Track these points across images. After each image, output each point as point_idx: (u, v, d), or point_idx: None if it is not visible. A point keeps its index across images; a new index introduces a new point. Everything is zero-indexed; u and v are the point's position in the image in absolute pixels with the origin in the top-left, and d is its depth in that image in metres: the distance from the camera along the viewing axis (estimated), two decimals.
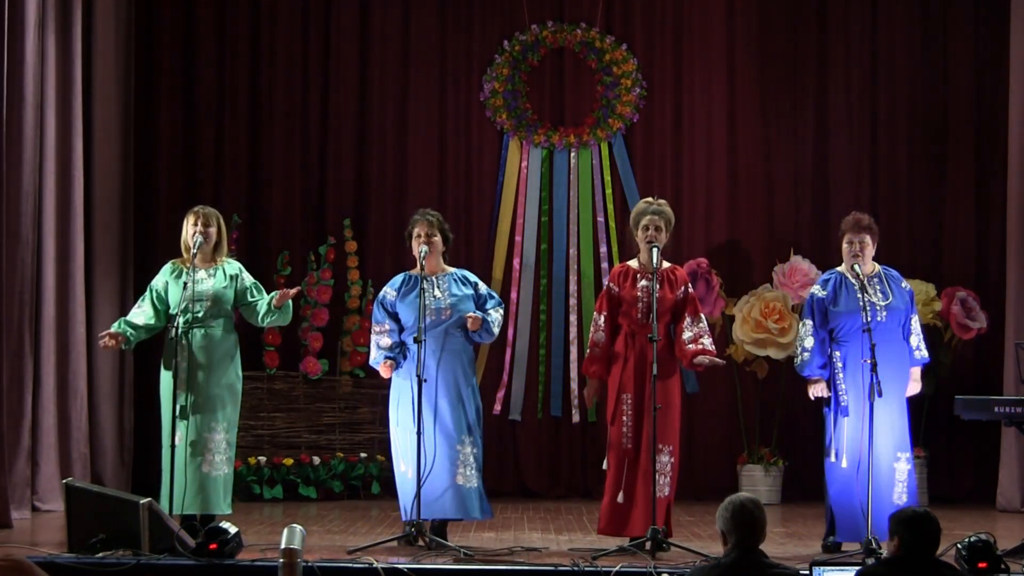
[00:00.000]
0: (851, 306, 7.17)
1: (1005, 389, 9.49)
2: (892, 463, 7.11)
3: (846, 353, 7.18)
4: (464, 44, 10.75)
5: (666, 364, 7.13)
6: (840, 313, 7.20)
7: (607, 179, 10.63)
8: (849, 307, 7.18)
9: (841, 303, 7.22)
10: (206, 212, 7.37)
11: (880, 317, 7.12)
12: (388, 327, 7.29)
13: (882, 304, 7.17)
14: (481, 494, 7.20)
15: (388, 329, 7.29)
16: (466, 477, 7.15)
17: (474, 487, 7.17)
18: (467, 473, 7.16)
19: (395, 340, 7.28)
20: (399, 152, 10.64)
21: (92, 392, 9.49)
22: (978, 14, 10.57)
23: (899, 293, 7.28)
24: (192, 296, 7.18)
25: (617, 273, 7.37)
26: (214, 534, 6.28)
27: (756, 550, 4.76)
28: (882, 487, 7.03)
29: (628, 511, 7.06)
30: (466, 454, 7.17)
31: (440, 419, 7.14)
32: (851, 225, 7.33)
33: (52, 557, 6.36)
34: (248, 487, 9.82)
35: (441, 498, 7.10)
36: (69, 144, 9.14)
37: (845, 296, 7.23)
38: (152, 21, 10.46)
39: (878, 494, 6.95)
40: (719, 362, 7.25)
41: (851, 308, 7.17)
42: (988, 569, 5.84)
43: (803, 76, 10.68)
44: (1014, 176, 9.78)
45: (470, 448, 7.19)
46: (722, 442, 10.37)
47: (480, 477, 7.22)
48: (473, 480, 7.17)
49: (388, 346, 7.27)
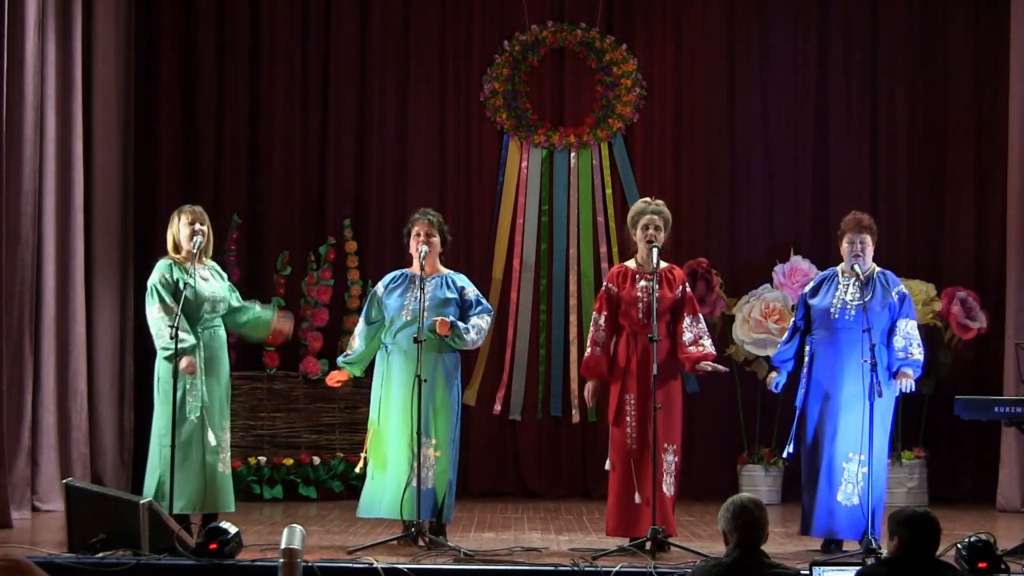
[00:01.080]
0: (824, 301, 7.30)
1: (1005, 389, 9.49)
2: (842, 463, 7.13)
3: (815, 347, 7.28)
4: (464, 44, 10.75)
5: (667, 364, 7.14)
6: (814, 307, 7.32)
7: (607, 179, 10.63)
8: (823, 303, 7.29)
9: (818, 297, 7.32)
10: (199, 211, 7.39)
11: (848, 316, 7.15)
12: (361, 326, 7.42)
13: (854, 303, 7.17)
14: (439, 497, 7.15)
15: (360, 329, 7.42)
16: (424, 478, 7.10)
17: (429, 488, 7.11)
18: (427, 474, 7.13)
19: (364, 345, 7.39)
20: (399, 152, 10.64)
21: (92, 392, 9.49)
22: (978, 14, 10.57)
23: (881, 296, 7.25)
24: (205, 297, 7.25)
25: (615, 274, 7.37)
26: (214, 534, 6.28)
27: (757, 550, 4.76)
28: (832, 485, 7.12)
29: (639, 511, 7.05)
30: (427, 455, 7.14)
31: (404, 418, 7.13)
32: (852, 225, 7.34)
33: (52, 557, 6.36)
34: (248, 487, 9.82)
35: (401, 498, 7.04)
36: (69, 144, 9.14)
37: (824, 291, 7.32)
38: (152, 21, 10.46)
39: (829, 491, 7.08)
40: (721, 369, 7.26)
41: (823, 304, 7.30)
42: (988, 569, 5.84)
43: (803, 76, 10.68)
44: (1014, 176, 9.78)
45: (432, 450, 7.16)
46: (722, 442, 10.37)
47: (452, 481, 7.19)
48: (429, 482, 7.11)
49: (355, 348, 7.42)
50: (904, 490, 9.76)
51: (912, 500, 9.61)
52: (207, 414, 7.18)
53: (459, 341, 7.23)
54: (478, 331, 7.29)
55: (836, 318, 7.17)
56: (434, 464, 7.16)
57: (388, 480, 7.16)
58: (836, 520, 7.12)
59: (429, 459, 7.15)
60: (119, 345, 9.79)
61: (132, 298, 9.75)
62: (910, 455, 9.94)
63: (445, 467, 7.19)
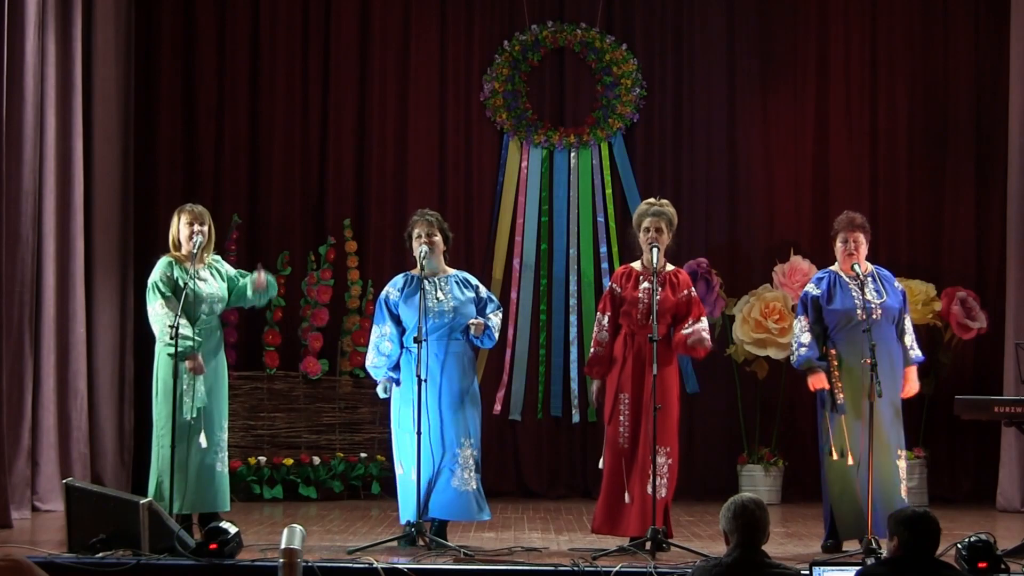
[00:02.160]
0: (847, 304, 7.19)
1: (1005, 389, 9.49)
2: (894, 460, 7.12)
3: (841, 352, 7.19)
4: (464, 44, 10.75)
5: (665, 365, 7.13)
6: (835, 311, 7.21)
7: (607, 179, 10.62)
8: (845, 304, 7.20)
9: (836, 301, 7.23)
10: (199, 210, 7.39)
11: (876, 315, 7.14)
12: (390, 330, 7.27)
13: (877, 302, 7.18)
14: (480, 496, 7.21)
15: (389, 332, 7.27)
16: (464, 480, 7.14)
17: (472, 489, 7.16)
18: (466, 476, 7.15)
19: (396, 348, 7.25)
20: (399, 152, 10.64)
21: (92, 392, 9.49)
22: (978, 14, 10.57)
23: (892, 292, 7.31)
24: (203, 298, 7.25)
25: (620, 274, 7.38)
26: (214, 534, 6.28)
27: (758, 550, 4.75)
28: (886, 485, 7.03)
29: (626, 511, 7.07)
30: (465, 457, 7.16)
31: (443, 421, 7.15)
32: (845, 224, 7.34)
33: (52, 557, 6.36)
34: (248, 487, 9.82)
35: (440, 500, 7.11)
36: (69, 144, 9.14)
37: (840, 294, 7.25)
38: (152, 21, 10.46)
39: (881, 492, 6.95)
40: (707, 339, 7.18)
41: (847, 306, 7.19)
42: (988, 569, 5.84)
43: (803, 76, 10.68)
44: (1014, 176, 9.78)
45: (470, 451, 7.19)
46: (722, 442, 10.37)
47: (479, 479, 7.23)
48: (472, 483, 7.17)
49: (388, 353, 7.25)
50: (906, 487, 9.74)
51: (912, 500, 9.58)
52: (204, 415, 7.18)
53: (488, 341, 7.34)
54: (498, 329, 7.40)
55: (863, 319, 7.10)
56: (471, 464, 7.17)
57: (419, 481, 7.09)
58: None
59: (469, 461, 7.16)
60: (119, 345, 9.79)
61: (132, 298, 9.74)
62: (910, 455, 9.91)
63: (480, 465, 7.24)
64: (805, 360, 7.20)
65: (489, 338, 7.33)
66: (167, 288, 7.21)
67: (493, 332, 7.34)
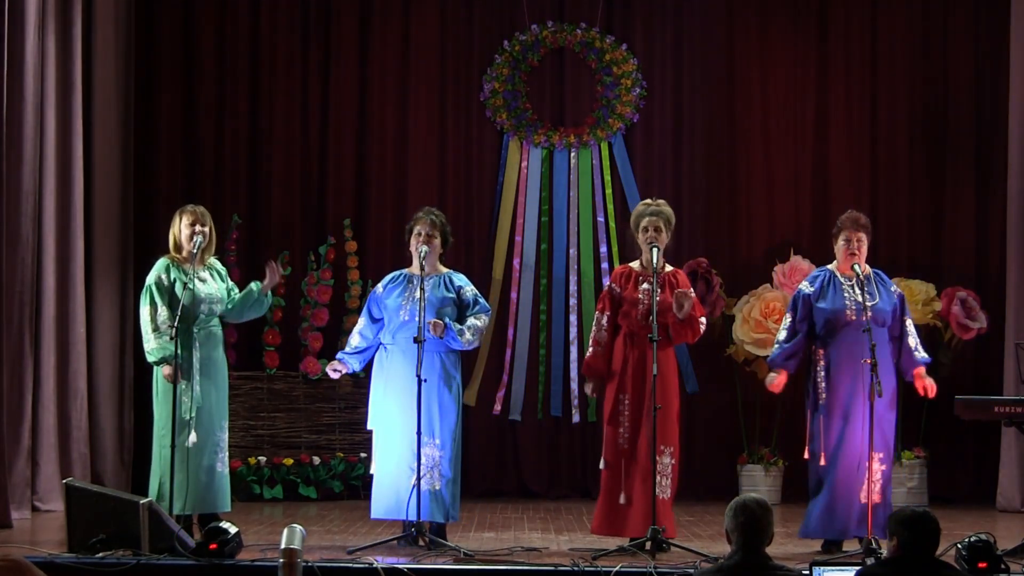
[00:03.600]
0: (836, 304, 7.19)
1: (1005, 389, 9.49)
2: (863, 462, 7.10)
3: (830, 351, 7.18)
4: (464, 44, 10.75)
5: (665, 366, 7.12)
6: (823, 309, 7.21)
7: (607, 179, 10.62)
8: (834, 304, 7.19)
9: (827, 300, 7.22)
10: (200, 211, 7.39)
11: (865, 317, 7.09)
12: (363, 323, 7.36)
13: (868, 304, 7.15)
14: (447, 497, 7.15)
15: (361, 327, 7.36)
16: (432, 479, 7.10)
17: (437, 490, 7.11)
18: (433, 475, 7.12)
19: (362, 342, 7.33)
20: (399, 152, 10.64)
21: (92, 392, 9.49)
22: (978, 14, 10.57)
23: (887, 295, 7.27)
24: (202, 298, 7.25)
25: (619, 274, 7.37)
26: (214, 534, 6.28)
27: (760, 552, 4.72)
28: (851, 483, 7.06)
29: (625, 512, 7.07)
30: (429, 455, 7.12)
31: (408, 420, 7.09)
32: (849, 223, 7.31)
33: (52, 557, 6.36)
34: (248, 487, 9.82)
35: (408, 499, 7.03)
36: (69, 144, 9.14)
37: (831, 293, 7.24)
38: (152, 21, 10.46)
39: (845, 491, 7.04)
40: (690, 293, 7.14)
41: (835, 306, 7.18)
42: (988, 569, 5.84)
43: (803, 75, 10.68)
44: (1014, 176, 9.78)
45: (437, 451, 7.15)
46: (722, 442, 10.36)
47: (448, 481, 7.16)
48: (437, 483, 7.12)
49: (354, 345, 7.35)
50: (904, 490, 9.74)
51: (912, 500, 9.61)
52: (202, 415, 7.18)
53: (454, 343, 7.20)
54: (474, 332, 7.25)
55: (853, 319, 7.11)
56: (438, 464, 7.15)
57: (393, 480, 7.14)
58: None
59: (433, 459, 7.14)
60: (119, 345, 9.79)
61: (132, 298, 9.73)
62: (910, 455, 9.93)
63: (447, 466, 7.18)
64: (772, 359, 7.34)
65: (454, 339, 7.18)
66: (161, 294, 7.22)
67: (461, 335, 7.17)
